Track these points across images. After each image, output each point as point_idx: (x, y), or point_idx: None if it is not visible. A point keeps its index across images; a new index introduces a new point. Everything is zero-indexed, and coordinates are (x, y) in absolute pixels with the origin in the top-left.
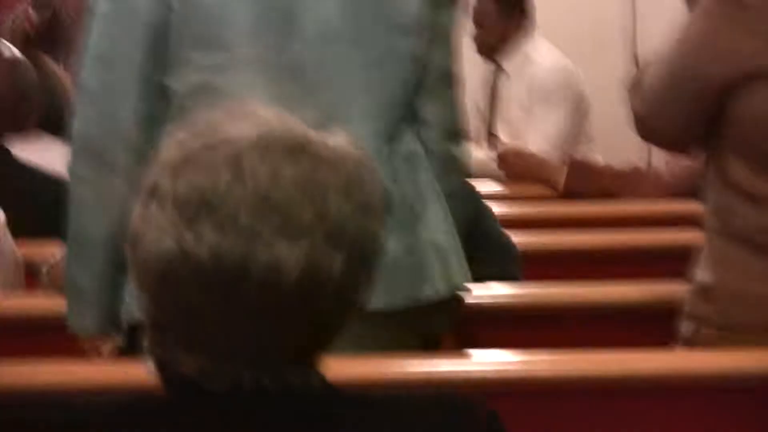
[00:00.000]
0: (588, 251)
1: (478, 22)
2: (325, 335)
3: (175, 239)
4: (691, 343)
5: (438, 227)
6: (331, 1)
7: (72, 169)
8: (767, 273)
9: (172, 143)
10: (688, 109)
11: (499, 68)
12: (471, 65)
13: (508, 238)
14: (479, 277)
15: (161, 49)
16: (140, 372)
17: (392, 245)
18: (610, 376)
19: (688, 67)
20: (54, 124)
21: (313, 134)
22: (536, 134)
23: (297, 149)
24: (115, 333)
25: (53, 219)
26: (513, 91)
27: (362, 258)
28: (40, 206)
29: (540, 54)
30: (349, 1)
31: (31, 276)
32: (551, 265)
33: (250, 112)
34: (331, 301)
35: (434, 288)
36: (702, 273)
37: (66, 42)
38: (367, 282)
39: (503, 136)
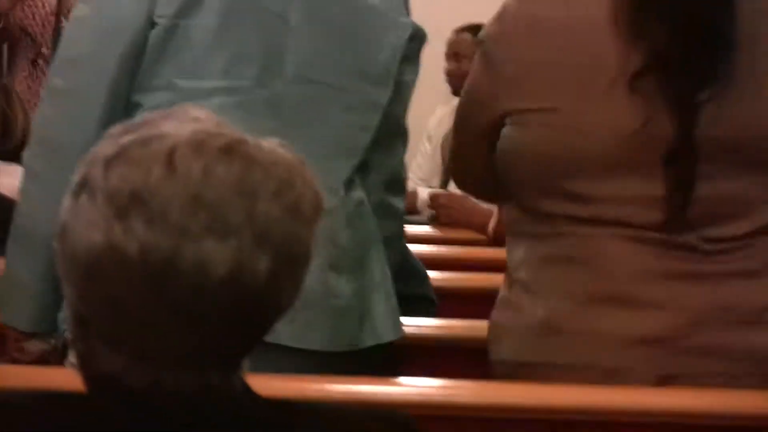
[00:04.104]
0: None
1: (456, 54)
2: (248, 338)
3: (104, 232)
4: None
5: (380, 273)
6: (314, 45)
7: (27, 164)
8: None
9: (106, 138)
10: (473, 157)
11: None
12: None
13: (417, 261)
14: (402, 297)
15: (136, 63)
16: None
17: (342, 288)
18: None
19: (463, 117)
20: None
21: (248, 137)
22: None
23: (230, 149)
24: (48, 334)
25: None
26: None
27: (289, 261)
28: None
29: None
30: (329, 47)
31: None
32: (474, 304)
33: (186, 113)
34: (255, 303)
35: (376, 334)
36: None
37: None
38: (293, 287)
39: None
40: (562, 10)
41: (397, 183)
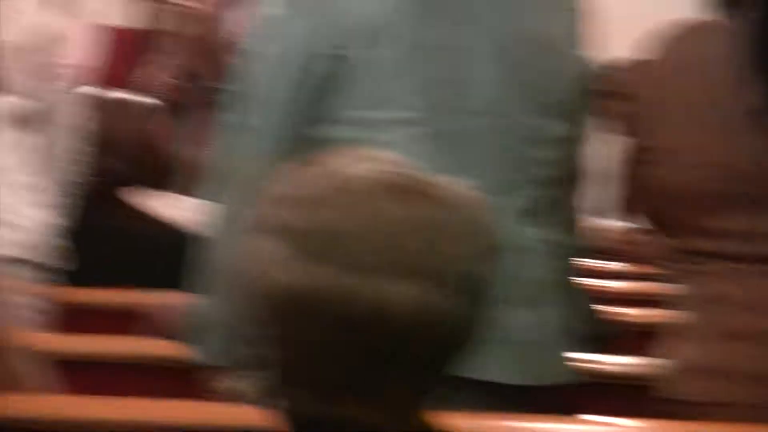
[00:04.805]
0: None
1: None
2: (430, 377)
3: (286, 273)
4: None
5: (557, 309)
6: (497, 79)
7: (212, 200)
8: None
9: (290, 179)
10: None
11: None
12: None
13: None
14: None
15: (314, 94)
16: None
17: (520, 322)
18: None
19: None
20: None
21: (431, 177)
22: None
23: (415, 190)
24: (234, 368)
25: (169, 269)
26: None
27: (471, 301)
28: (155, 255)
29: None
30: (512, 81)
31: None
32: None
33: (364, 152)
34: (439, 342)
35: (554, 373)
36: None
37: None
38: (475, 325)
39: None
40: (688, 50)
41: (571, 220)
